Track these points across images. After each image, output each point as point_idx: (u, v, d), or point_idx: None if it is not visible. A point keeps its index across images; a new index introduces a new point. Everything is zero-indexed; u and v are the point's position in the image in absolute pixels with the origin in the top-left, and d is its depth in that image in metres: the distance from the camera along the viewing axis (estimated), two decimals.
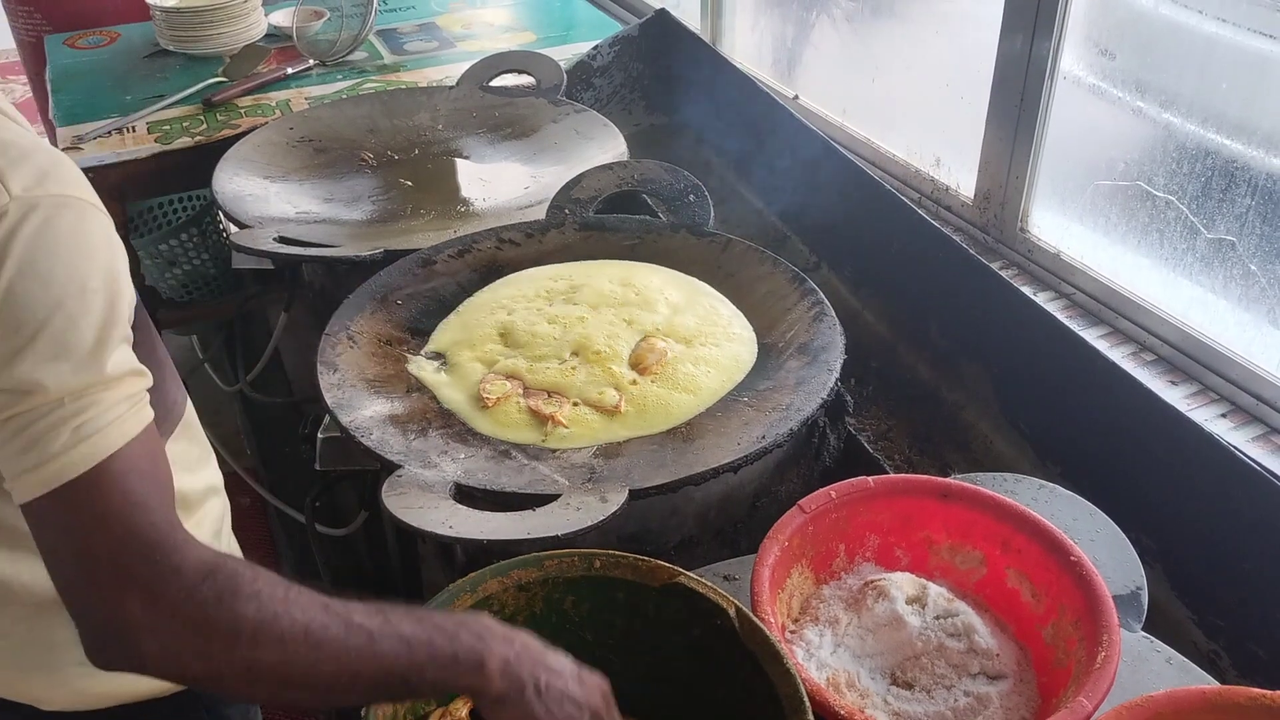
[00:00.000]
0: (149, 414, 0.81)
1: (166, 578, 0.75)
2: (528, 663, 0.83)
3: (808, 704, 0.84)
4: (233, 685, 0.77)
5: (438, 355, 1.39)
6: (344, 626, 0.77)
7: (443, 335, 1.43)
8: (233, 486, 2.45)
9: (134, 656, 0.75)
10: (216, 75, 2.32)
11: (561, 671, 0.85)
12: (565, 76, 2.16)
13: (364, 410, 1.26)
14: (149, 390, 0.83)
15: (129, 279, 0.82)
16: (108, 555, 0.74)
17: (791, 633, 1.01)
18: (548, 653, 0.85)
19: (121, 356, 0.79)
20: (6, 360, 0.74)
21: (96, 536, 0.75)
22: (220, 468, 1.15)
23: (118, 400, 0.78)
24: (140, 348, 0.88)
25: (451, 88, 2.19)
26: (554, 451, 1.22)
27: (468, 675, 0.81)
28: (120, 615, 0.74)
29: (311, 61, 2.42)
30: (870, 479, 1.08)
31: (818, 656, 0.98)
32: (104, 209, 0.81)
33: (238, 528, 1.18)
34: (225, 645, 0.75)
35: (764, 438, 1.18)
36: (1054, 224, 1.68)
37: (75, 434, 0.75)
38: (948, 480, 1.11)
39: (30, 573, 0.94)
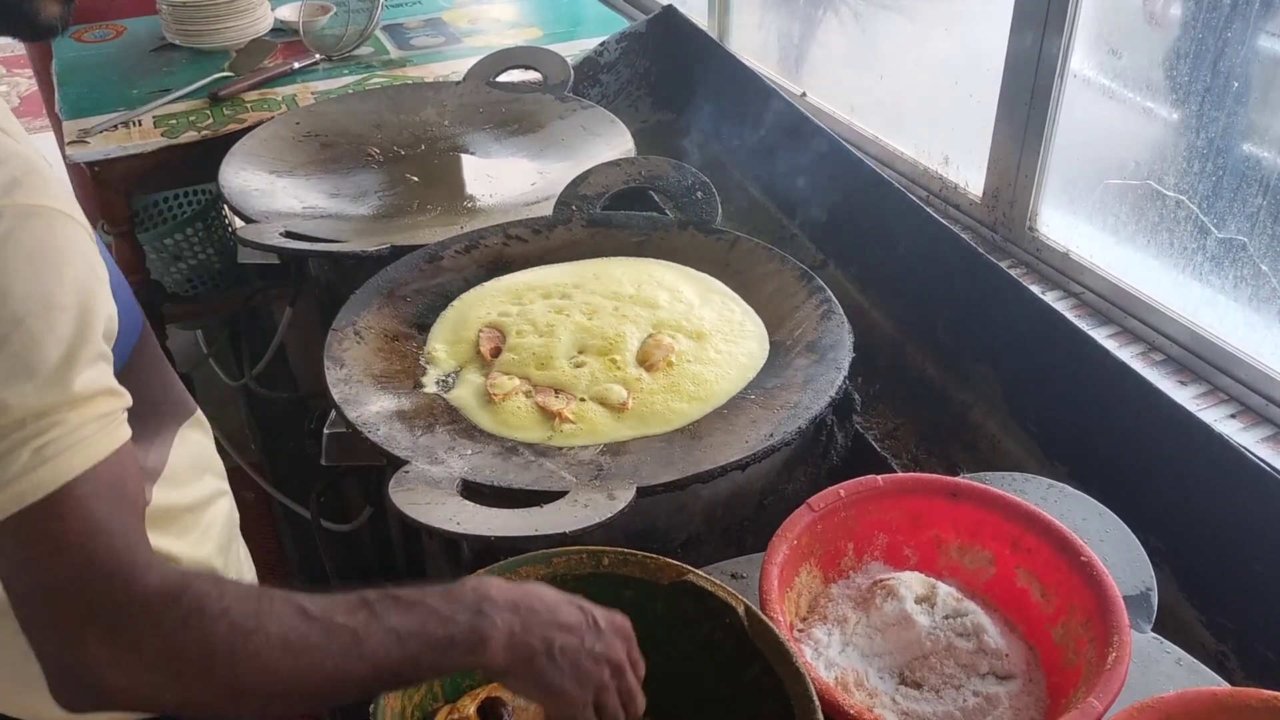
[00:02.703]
0: (123, 434, 0.76)
1: (127, 608, 0.70)
2: (537, 627, 0.79)
3: (817, 703, 0.84)
4: (217, 708, 0.73)
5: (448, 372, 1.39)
6: (324, 631, 0.73)
7: (443, 330, 1.43)
8: (237, 481, 2.46)
9: (100, 695, 0.70)
10: (223, 70, 2.32)
11: (576, 626, 0.82)
12: (572, 72, 2.15)
13: (371, 406, 1.26)
14: (155, 400, 0.81)
15: (107, 293, 0.78)
16: (65, 588, 0.69)
17: (800, 631, 1.01)
18: (560, 606, 0.82)
19: (92, 375, 0.74)
20: None
21: (54, 567, 0.69)
22: (224, 462, 1.14)
23: (86, 421, 0.73)
24: (142, 355, 0.86)
25: (458, 83, 2.19)
26: (561, 448, 1.22)
27: (467, 656, 0.77)
28: (82, 653, 0.68)
29: (318, 56, 2.42)
30: (879, 478, 1.08)
31: (826, 655, 0.97)
32: (83, 220, 0.77)
33: (242, 522, 1.19)
34: (200, 671, 0.71)
35: (772, 436, 1.18)
36: (1063, 223, 1.67)
37: (35, 456, 0.69)
38: (957, 479, 1.10)
39: None
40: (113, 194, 2.12)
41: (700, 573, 0.94)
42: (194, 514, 1.00)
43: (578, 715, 0.81)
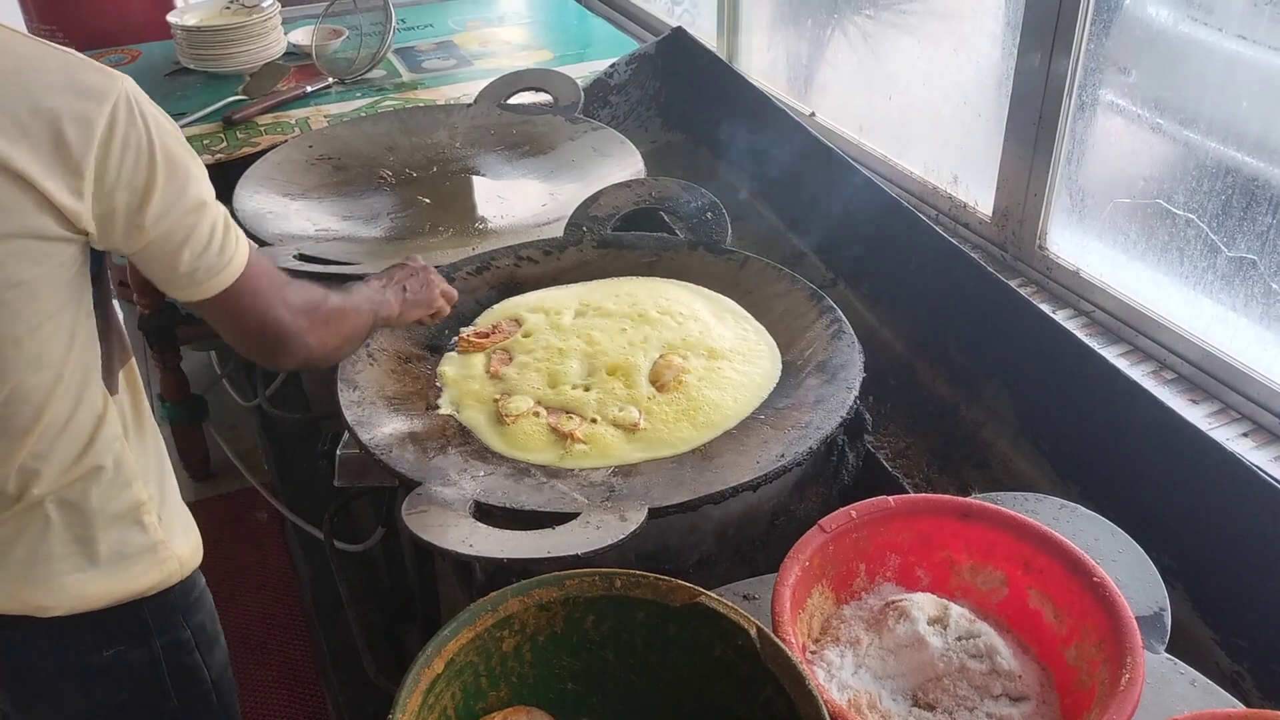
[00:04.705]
0: None
1: (310, 308, 1.13)
2: (398, 287, 1.31)
3: None
4: (338, 350, 1.20)
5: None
6: (356, 303, 1.22)
7: (455, 353, 1.43)
8: (250, 501, 2.47)
9: (308, 355, 1.13)
10: (236, 93, 2.35)
11: (408, 275, 1.33)
12: (582, 94, 2.17)
13: (384, 428, 1.26)
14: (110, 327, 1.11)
15: None
16: (287, 307, 1.10)
17: (812, 653, 1.01)
18: (397, 272, 1.33)
19: None
20: (179, 195, 1.00)
21: (275, 296, 1.09)
22: (237, 482, 1.22)
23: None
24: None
25: (469, 105, 2.20)
26: (572, 470, 1.22)
27: (387, 314, 1.27)
28: (303, 340, 1.11)
29: (330, 79, 2.44)
30: (891, 498, 1.08)
31: (839, 677, 0.97)
32: None
33: (255, 542, 1.21)
34: (334, 333, 1.17)
35: (783, 456, 1.18)
36: (1073, 241, 1.68)
37: (237, 234, 1.06)
38: (969, 500, 1.10)
39: (19, 477, 1.06)
40: None
41: (712, 594, 0.94)
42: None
43: (439, 306, 1.36)
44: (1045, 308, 1.49)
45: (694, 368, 1.35)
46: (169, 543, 1.17)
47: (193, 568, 1.22)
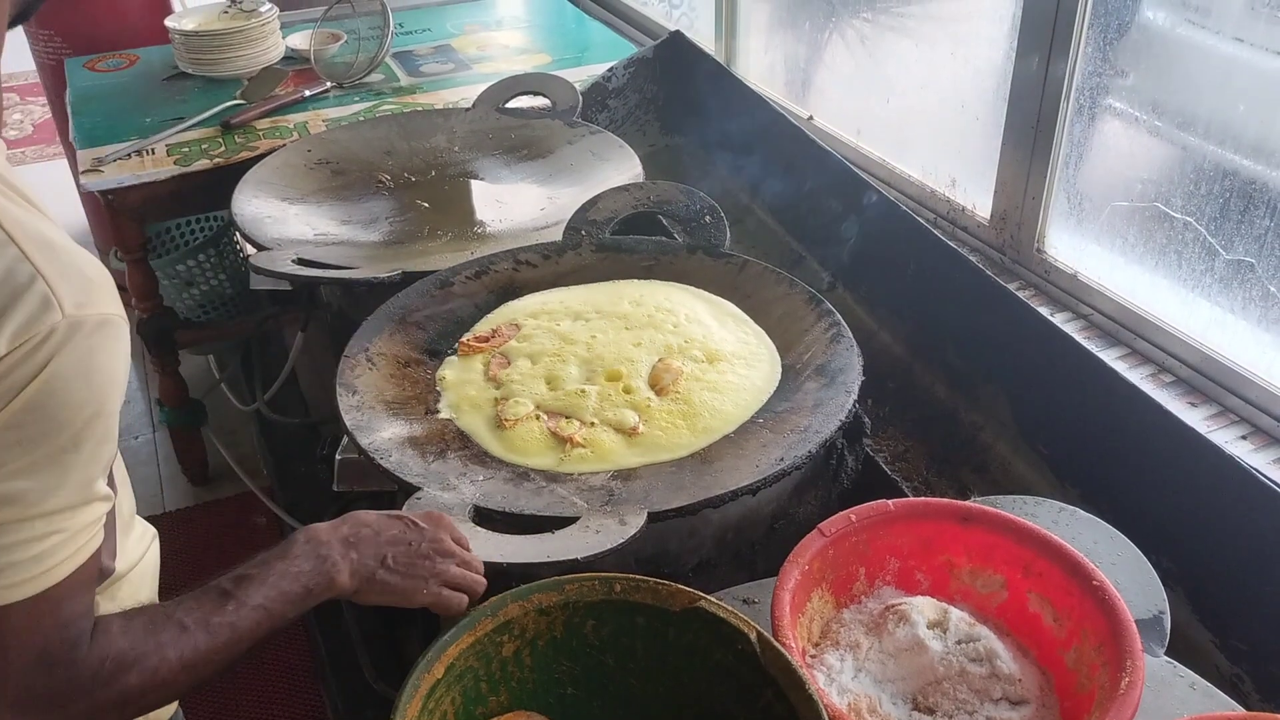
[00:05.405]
0: (101, 537, 0.81)
1: (62, 695, 0.77)
2: (369, 551, 0.93)
3: None
4: None
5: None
6: (209, 637, 0.83)
7: (455, 357, 1.43)
8: (249, 506, 2.46)
9: None
10: (235, 98, 2.34)
11: (399, 538, 0.95)
12: (580, 98, 2.17)
13: (383, 432, 1.26)
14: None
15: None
16: (16, 674, 0.76)
17: (812, 657, 1.01)
18: (383, 527, 0.95)
19: (102, 481, 0.80)
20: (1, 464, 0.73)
21: (12, 656, 0.75)
22: (236, 487, 1.13)
23: (84, 526, 0.78)
24: None
25: (467, 110, 2.20)
26: (571, 474, 1.22)
27: (323, 594, 0.90)
28: None
29: (329, 84, 2.44)
30: (890, 502, 1.08)
31: (839, 681, 0.97)
32: (125, 315, 0.81)
33: (254, 547, 1.19)
34: (118, 714, 0.80)
35: (782, 460, 1.18)
36: (1071, 245, 1.68)
37: (36, 561, 0.75)
38: (968, 504, 1.10)
39: None
40: (126, 221, 2.14)
41: (712, 599, 0.95)
42: (118, 580, 0.99)
43: (428, 599, 0.94)
44: (1044, 311, 1.49)
45: (693, 371, 1.35)
46: None
47: None
